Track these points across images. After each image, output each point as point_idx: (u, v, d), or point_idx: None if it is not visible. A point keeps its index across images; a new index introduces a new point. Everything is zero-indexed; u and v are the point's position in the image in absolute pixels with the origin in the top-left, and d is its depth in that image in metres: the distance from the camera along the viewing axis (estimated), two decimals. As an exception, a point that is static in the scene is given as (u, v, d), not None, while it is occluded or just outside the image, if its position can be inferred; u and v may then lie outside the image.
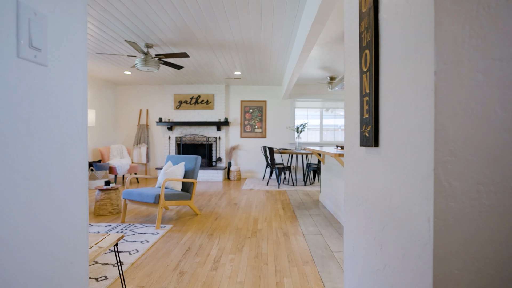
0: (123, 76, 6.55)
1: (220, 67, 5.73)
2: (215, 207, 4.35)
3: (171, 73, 6.21)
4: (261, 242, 2.85)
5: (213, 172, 7.10)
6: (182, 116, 7.54)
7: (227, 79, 6.80)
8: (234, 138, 7.67)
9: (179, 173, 3.76)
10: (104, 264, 2.31)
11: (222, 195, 5.29)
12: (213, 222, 3.52)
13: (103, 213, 3.87)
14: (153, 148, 7.72)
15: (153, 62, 4.15)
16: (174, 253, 2.56)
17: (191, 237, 3.00)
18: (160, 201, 3.29)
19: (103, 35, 3.90)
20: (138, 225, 3.38)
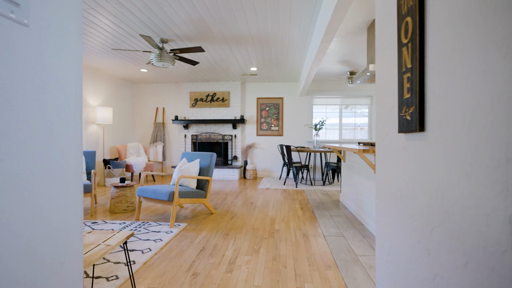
0: (139, 74, 6.57)
1: (236, 63, 5.61)
2: (231, 206, 4.23)
3: (187, 70, 6.17)
4: (279, 244, 2.69)
5: (228, 171, 7.00)
6: (198, 114, 7.49)
7: (243, 75, 6.68)
8: (250, 136, 7.54)
9: (194, 170, 3.67)
10: (116, 262, 2.23)
11: (238, 194, 5.16)
12: (229, 222, 3.40)
13: (118, 211, 3.84)
14: (169, 146, 7.73)
15: (168, 57, 4.08)
16: (187, 253, 2.45)
17: (206, 236, 2.88)
18: (174, 198, 3.20)
19: (118, 30, 3.87)
20: (152, 223, 3.30)
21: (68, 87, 0.72)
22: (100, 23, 3.65)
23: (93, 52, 4.90)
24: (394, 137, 1.10)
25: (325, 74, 6.56)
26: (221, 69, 6.08)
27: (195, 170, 3.68)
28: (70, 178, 0.73)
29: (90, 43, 4.43)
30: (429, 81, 0.84)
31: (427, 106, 0.85)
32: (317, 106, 7.47)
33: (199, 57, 5.16)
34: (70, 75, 0.72)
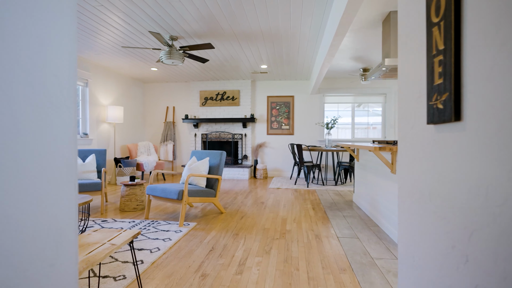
0: (150, 73, 6.58)
1: (246, 61, 5.54)
2: (241, 205, 4.15)
3: (196, 68, 6.13)
4: (291, 245, 2.59)
5: (238, 170, 6.93)
6: (208, 113, 7.46)
7: (253, 73, 6.60)
8: (261, 135, 7.46)
9: (203, 169, 3.61)
10: (124, 262, 2.19)
11: (248, 193, 5.09)
12: (239, 221, 3.32)
13: (128, 209, 3.82)
14: (180, 145, 7.73)
15: (178, 54, 4.04)
16: (196, 253, 2.38)
17: (215, 236, 2.81)
18: (184, 197, 3.14)
19: (127, 27, 3.85)
20: (161, 222, 3.26)
21: (59, 69, 0.65)
22: (109, 20, 3.64)
23: (103, 51, 4.92)
24: (421, 129, 0.99)
25: (337, 71, 6.40)
26: (231, 67, 6.02)
27: (205, 169, 3.62)
28: (63, 171, 0.66)
29: (101, 42, 4.44)
30: (467, 63, 0.73)
31: (464, 92, 0.75)
32: (328, 105, 7.32)
33: (209, 55, 5.11)
34: (62, 55, 0.65)
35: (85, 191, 3.69)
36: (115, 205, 4.16)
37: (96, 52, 5.01)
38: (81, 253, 1.27)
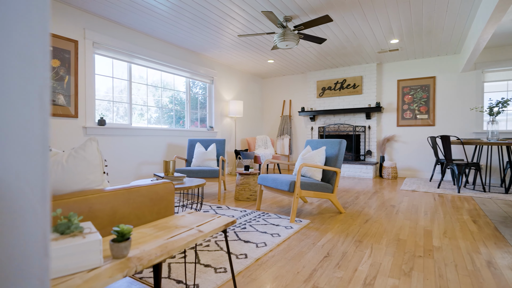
0: (267, 66, 6.60)
1: (371, 37, 4.67)
2: (364, 206, 3.44)
3: (313, 55, 5.68)
4: (444, 269, 1.78)
5: (361, 167, 6.05)
6: (325, 104, 6.88)
7: (380, 53, 5.58)
8: (389, 127, 6.29)
9: (318, 160, 3.13)
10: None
11: (373, 194, 4.25)
12: (362, 226, 2.67)
13: (241, 198, 3.78)
14: (296, 139, 7.49)
15: (292, 35, 3.71)
16: (308, 257, 1.95)
17: (332, 239, 2.29)
18: (295, 189, 2.77)
19: (243, 14, 3.81)
20: (272, 215, 3.00)
21: None
22: (226, 9, 3.67)
23: (224, 47, 5.16)
24: None
25: (506, 35, 4.59)
26: (352, 49, 5.25)
27: (320, 160, 3.14)
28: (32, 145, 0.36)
29: (221, 37, 4.64)
30: None
31: None
32: (491, 84, 5.40)
33: (326, 35, 4.56)
34: None
35: (205, 177, 3.88)
36: (232, 193, 4.24)
37: (218, 49, 5.34)
38: (163, 236, 1.05)
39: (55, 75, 3.56)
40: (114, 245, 0.84)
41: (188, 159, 4.54)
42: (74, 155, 1.14)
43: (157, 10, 3.73)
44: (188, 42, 4.98)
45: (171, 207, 1.45)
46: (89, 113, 3.89)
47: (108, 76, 4.25)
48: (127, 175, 4.34)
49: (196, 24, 4.18)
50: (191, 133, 5.56)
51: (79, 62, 3.80)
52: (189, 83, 5.68)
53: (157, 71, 5.00)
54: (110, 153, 4.11)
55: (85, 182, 1.16)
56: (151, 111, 4.90)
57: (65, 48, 3.65)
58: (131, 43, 4.42)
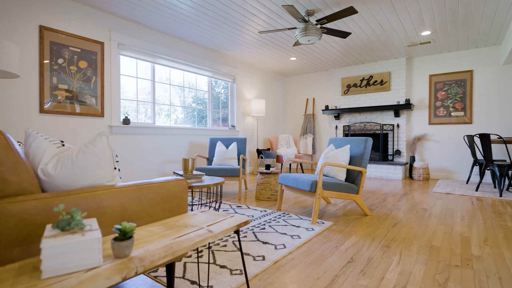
0: (289, 64, 6.47)
1: (400, 29, 4.40)
2: (392, 209, 3.22)
3: (337, 51, 5.47)
4: (486, 282, 1.58)
5: (388, 168, 5.74)
6: (351, 102, 6.62)
7: (409, 47, 5.26)
8: (419, 126, 5.91)
9: (342, 159, 2.97)
10: (246, 254, 1.91)
11: (402, 196, 3.99)
12: (390, 230, 2.49)
13: (262, 198, 3.70)
14: (319, 139, 7.28)
15: (314, 30, 3.57)
16: (330, 262, 1.82)
17: (356, 243, 2.15)
18: (317, 189, 2.64)
19: (263, 10, 3.72)
20: (293, 216, 2.89)
21: None
22: (247, 6, 3.61)
23: (246, 45, 5.11)
24: None
25: (560, 21, 4.12)
26: (379, 43, 4.99)
27: (344, 159, 2.98)
28: None
29: (243, 34, 4.59)
30: None
31: None
32: (539, 77, 4.89)
33: (351, 28, 4.36)
34: None
35: (225, 175, 3.85)
36: (253, 193, 4.17)
37: (240, 48, 5.30)
38: (170, 235, 0.99)
39: (82, 76, 3.69)
40: (115, 243, 0.80)
41: (209, 157, 4.54)
42: (84, 150, 1.12)
43: (179, 10, 3.75)
44: (210, 41, 4.98)
45: (184, 205, 1.40)
46: (114, 113, 4.00)
47: (132, 77, 4.35)
48: (150, 173, 4.41)
49: (217, 23, 4.16)
50: (213, 132, 5.57)
51: (105, 63, 3.92)
52: (211, 82, 5.69)
53: (180, 71, 5.05)
54: (134, 151, 4.20)
55: (95, 177, 1.14)
56: (177, 112, 4.97)
57: (92, 50, 3.78)
58: (154, 43, 4.50)
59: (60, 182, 1.08)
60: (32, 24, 3.24)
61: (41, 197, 0.95)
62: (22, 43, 3.17)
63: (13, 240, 0.88)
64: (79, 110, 3.64)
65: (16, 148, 0.98)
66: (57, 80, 3.45)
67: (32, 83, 3.25)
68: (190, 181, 2.56)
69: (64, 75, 3.51)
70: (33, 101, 3.26)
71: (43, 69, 3.33)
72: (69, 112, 3.54)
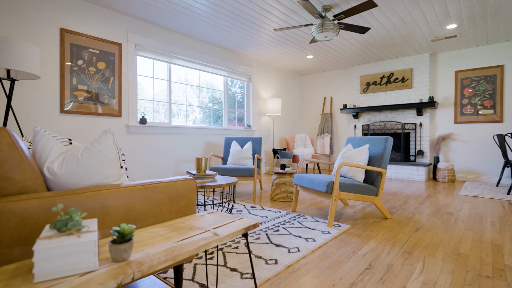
0: (306, 62, 6.34)
1: (423, 23, 4.18)
2: (415, 212, 3.05)
3: (356, 47, 5.30)
4: (522, 294, 1.43)
5: (410, 169, 5.49)
6: (370, 100, 6.40)
7: (434, 42, 4.99)
8: (444, 124, 5.61)
9: (360, 159, 2.84)
10: (258, 257, 1.85)
11: (425, 198, 3.78)
12: (412, 234, 2.34)
13: (277, 198, 3.63)
14: (337, 138, 7.09)
15: (331, 25, 3.45)
16: (346, 268, 1.72)
17: (375, 248, 2.03)
18: (334, 191, 2.53)
19: (278, 6, 3.65)
20: (308, 218, 2.79)
21: None
22: (262, 3, 3.54)
23: (261, 43, 5.05)
24: None
25: None
26: (400, 38, 4.77)
27: (363, 159, 2.84)
28: None
29: (258, 33, 4.53)
30: None
31: None
32: None
33: (370, 23, 4.19)
34: None
35: (240, 175, 3.80)
36: (268, 193, 4.10)
37: (256, 46, 5.24)
38: (174, 238, 0.95)
39: (101, 76, 3.76)
40: (112, 246, 0.76)
41: (224, 157, 4.52)
42: (89, 148, 1.10)
43: (194, 9, 3.75)
44: (226, 41, 4.96)
45: (192, 205, 1.36)
46: (131, 112, 4.06)
47: (149, 77, 4.40)
48: (166, 172, 4.45)
49: (233, 22, 4.13)
50: (229, 132, 5.55)
51: (122, 64, 3.98)
52: (227, 81, 5.67)
53: (196, 71, 5.07)
54: (150, 150, 4.25)
55: (100, 176, 1.11)
56: (195, 112, 4.99)
57: (110, 51, 3.85)
58: (170, 43, 4.53)
59: (66, 180, 1.06)
60: (53, 27, 3.34)
61: (43, 196, 0.93)
62: (44, 46, 3.27)
63: (14, 240, 0.87)
64: (97, 110, 3.71)
65: (20, 146, 0.96)
66: (76, 81, 3.54)
67: (53, 84, 3.35)
68: (202, 180, 2.53)
69: (84, 76, 3.60)
70: (54, 102, 3.35)
71: (63, 71, 3.42)
72: (88, 112, 3.62)
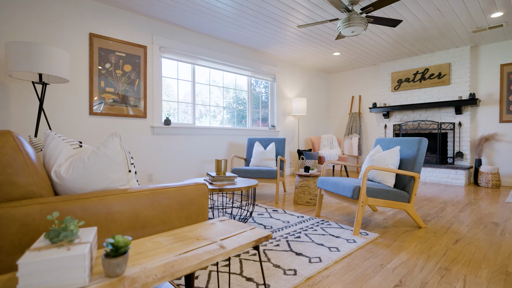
0: (333, 60, 6.10)
1: (463, 13, 3.81)
2: (453, 221, 2.76)
3: (386, 42, 4.99)
4: None
5: (448, 172, 5.06)
6: (402, 98, 6.01)
7: (475, 33, 4.56)
8: (487, 124, 5.11)
9: (390, 162, 2.63)
10: (276, 266, 1.75)
11: (466, 206, 3.44)
12: (450, 247, 2.10)
13: (301, 202, 3.49)
14: (366, 139, 6.76)
15: (359, 19, 3.24)
16: (373, 283, 1.56)
17: (407, 262, 1.84)
18: (360, 196, 2.35)
19: (302, 2, 3.51)
20: (333, 224, 2.63)
21: None
22: (287, 1, 3.43)
23: (286, 43, 4.92)
24: None
25: None
26: (436, 30, 4.40)
27: (393, 162, 2.63)
28: None
29: (282, 31, 4.41)
30: None
31: None
32: None
33: (402, 15, 3.90)
34: None
35: (262, 177, 3.71)
36: (291, 196, 3.97)
37: (280, 45, 5.12)
38: (176, 250, 0.87)
39: (127, 79, 3.86)
40: (105, 260, 0.70)
41: (247, 158, 4.45)
42: (96, 151, 1.06)
43: (217, 9, 3.72)
44: (249, 40, 4.90)
45: (204, 211, 1.28)
46: (156, 114, 4.12)
47: (173, 78, 4.45)
48: (189, 173, 4.48)
49: (256, 20, 4.05)
50: (252, 132, 5.48)
51: (147, 66, 4.06)
52: (251, 81, 5.61)
53: (219, 72, 5.06)
54: (174, 151, 4.29)
55: (107, 181, 1.07)
56: (218, 112, 4.99)
57: (135, 54, 3.94)
58: (193, 45, 4.55)
59: (72, 185, 1.04)
60: (83, 32, 3.47)
61: (46, 202, 0.91)
62: (74, 50, 3.40)
63: (15, 247, 0.84)
64: (124, 112, 3.81)
65: (25, 150, 0.94)
66: (104, 83, 3.65)
67: (83, 87, 3.48)
68: (222, 183, 2.47)
69: (111, 79, 3.71)
70: (83, 104, 3.48)
71: (92, 74, 3.54)
72: (115, 114, 3.73)
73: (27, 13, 3.08)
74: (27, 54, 2.47)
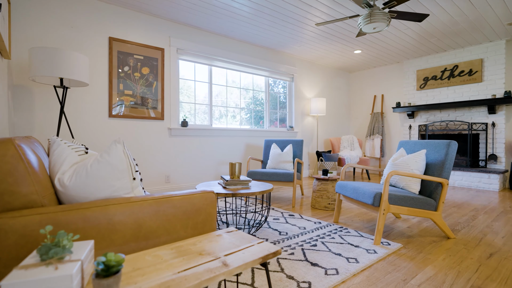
0: (354, 58, 5.89)
1: (497, 4, 3.52)
2: (486, 232, 2.54)
3: (411, 39, 4.73)
4: None
5: (480, 176, 4.72)
6: (428, 97, 5.69)
7: (511, 25, 4.21)
8: (525, 124, 4.71)
9: (415, 166, 2.45)
10: (289, 277, 1.66)
11: (501, 214, 3.17)
12: (483, 262, 1.92)
13: (318, 207, 3.36)
14: (389, 140, 6.47)
15: (381, 15, 3.07)
16: (395, 300, 1.44)
17: (434, 278, 1.68)
18: (382, 203, 2.21)
19: (324, 1, 3.38)
20: (352, 232, 2.50)
21: None
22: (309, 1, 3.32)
23: (305, 42, 4.79)
24: None
25: None
26: (467, 24, 4.11)
27: (418, 167, 2.45)
28: None
29: (300, 30, 4.29)
30: None
31: None
32: None
33: (428, 9, 3.66)
34: None
35: (279, 180, 3.62)
36: (309, 200, 3.85)
37: (298, 44, 5.00)
38: (176, 267, 0.82)
39: (145, 81, 3.91)
40: (95, 281, 0.65)
41: (264, 160, 4.38)
42: (99, 159, 1.03)
43: (234, 10, 3.68)
44: (267, 40, 4.82)
45: (211, 221, 1.22)
46: (173, 115, 4.15)
47: (190, 80, 4.46)
48: (206, 174, 4.47)
49: (274, 19, 3.97)
50: (270, 134, 5.40)
51: (165, 68, 4.09)
52: (269, 82, 5.53)
53: (236, 73, 5.02)
54: (191, 152, 4.30)
55: (110, 189, 1.04)
56: (235, 113, 4.97)
57: (153, 56, 3.98)
58: (210, 46, 4.54)
59: (75, 193, 1.01)
60: (103, 37, 3.55)
61: (46, 212, 0.88)
62: (94, 54, 3.48)
63: (13, 259, 0.82)
64: (142, 114, 3.86)
65: (27, 158, 0.92)
66: (123, 86, 3.71)
67: (102, 90, 3.55)
68: (235, 187, 2.41)
69: (129, 82, 3.77)
70: (103, 107, 3.56)
71: (111, 77, 3.61)
72: (133, 116, 3.78)
73: (50, 18, 3.18)
74: (49, 59, 2.53)
